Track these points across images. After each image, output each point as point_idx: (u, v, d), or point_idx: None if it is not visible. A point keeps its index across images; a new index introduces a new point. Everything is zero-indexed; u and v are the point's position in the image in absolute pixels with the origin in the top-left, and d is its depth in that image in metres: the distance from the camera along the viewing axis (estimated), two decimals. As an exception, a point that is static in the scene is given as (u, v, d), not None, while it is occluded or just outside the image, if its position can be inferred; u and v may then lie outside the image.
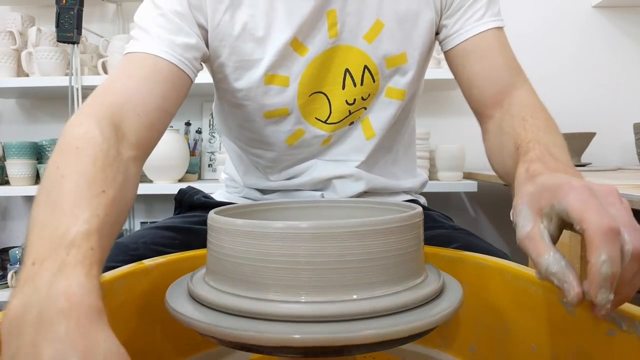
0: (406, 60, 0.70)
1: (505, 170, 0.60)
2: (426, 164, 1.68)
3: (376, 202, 0.51)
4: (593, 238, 0.32)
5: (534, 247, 0.37)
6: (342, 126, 0.73)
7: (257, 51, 0.67)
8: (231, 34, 0.66)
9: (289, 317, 0.34)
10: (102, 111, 0.52)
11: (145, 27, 0.62)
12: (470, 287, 0.50)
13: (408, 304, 0.36)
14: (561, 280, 0.34)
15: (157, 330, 0.53)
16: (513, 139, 0.56)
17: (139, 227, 1.92)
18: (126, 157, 0.51)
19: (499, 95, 0.66)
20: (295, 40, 0.66)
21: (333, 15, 0.66)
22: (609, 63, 1.89)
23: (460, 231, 0.72)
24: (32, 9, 1.90)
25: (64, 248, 0.34)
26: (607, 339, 0.38)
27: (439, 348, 0.56)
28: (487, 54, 0.67)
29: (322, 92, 0.70)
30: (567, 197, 0.35)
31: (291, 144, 0.74)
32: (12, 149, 1.68)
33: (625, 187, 0.92)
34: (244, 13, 0.66)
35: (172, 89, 0.61)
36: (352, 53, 0.68)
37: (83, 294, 0.31)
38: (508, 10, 1.91)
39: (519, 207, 0.40)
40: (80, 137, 0.47)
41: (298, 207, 0.53)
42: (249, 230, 0.37)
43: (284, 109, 0.70)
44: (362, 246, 0.36)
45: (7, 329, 0.30)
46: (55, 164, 0.43)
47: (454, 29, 0.69)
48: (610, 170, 1.59)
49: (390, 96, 0.72)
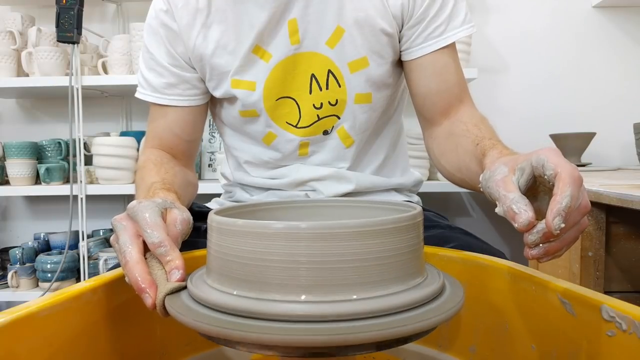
0: (368, 64, 0.72)
1: (460, 166, 0.67)
2: (426, 164, 1.68)
3: (376, 202, 0.51)
4: (565, 178, 0.40)
5: (504, 186, 0.43)
6: (314, 133, 0.76)
7: (231, 61, 0.73)
8: (206, 53, 0.74)
9: (289, 317, 0.34)
10: (151, 144, 0.80)
11: (145, 75, 0.78)
12: (470, 287, 0.50)
13: (408, 304, 0.36)
14: (520, 209, 0.41)
15: (157, 330, 0.53)
16: (470, 139, 0.64)
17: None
18: (174, 161, 0.79)
19: (449, 108, 0.74)
20: (257, 47, 0.72)
21: (294, 24, 0.71)
22: (609, 63, 1.89)
23: (456, 230, 0.72)
24: (32, 9, 1.90)
25: (149, 192, 0.61)
26: (607, 339, 0.38)
27: (439, 348, 0.56)
28: (443, 71, 0.73)
29: (290, 97, 0.75)
30: (546, 153, 0.43)
31: (269, 144, 0.79)
32: (12, 149, 1.68)
33: (625, 187, 0.91)
34: (215, 31, 0.73)
35: (185, 123, 0.79)
36: (316, 58, 0.72)
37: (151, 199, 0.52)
38: (508, 10, 1.92)
39: (495, 165, 0.47)
40: (146, 158, 0.75)
41: (298, 206, 0.52)
42: (249, 231, 0.37)
43: (252, 111, 0.76)
44: (362, 246, 0.36)
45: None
46: (139, 175, 0.72)
47: (416, 42, 0.72)
48: (610, 170, 1.59)
49: (360, 101, 0.75)
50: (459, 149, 0.67)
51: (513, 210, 0.41)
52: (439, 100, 0.73)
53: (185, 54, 0.75)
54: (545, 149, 0.44)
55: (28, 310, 0.38)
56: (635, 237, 1.04)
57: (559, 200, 0.39)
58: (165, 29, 0.75)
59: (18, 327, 0.37)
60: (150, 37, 0.76)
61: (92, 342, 0.45)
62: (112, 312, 0.48)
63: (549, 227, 0.39)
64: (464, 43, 1.66)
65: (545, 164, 0.42)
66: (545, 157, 0.42)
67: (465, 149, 0.65)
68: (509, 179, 0.44)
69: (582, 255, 1.03)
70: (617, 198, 0.84)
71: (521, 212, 0.40)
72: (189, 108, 0.78)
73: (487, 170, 0.49)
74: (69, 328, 0.42)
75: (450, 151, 0.70)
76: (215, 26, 0.73)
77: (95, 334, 0.45)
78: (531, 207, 0.41)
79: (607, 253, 1.03)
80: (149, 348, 0.52)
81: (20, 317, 0.37)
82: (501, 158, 0.50)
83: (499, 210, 0.43)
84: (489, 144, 0.59)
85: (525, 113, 1.88)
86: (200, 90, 0.78)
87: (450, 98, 0.73)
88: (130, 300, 0.50)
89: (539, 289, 0.45)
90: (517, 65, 1.92)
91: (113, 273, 0.49)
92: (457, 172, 0.69)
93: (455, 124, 0.71)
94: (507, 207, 0.42)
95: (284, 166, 0.80)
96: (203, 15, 0.73)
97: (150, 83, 0.77)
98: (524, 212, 0.40)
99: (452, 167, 0.70)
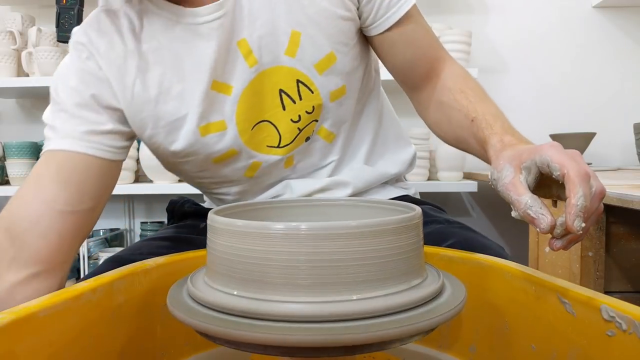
0: (335, 58, 0.67)
1: (458, 140, 0.68)
2: (426, 164, 1.68)
3: (376, 202, 0.51)
4: (573, 179, 0.41)
5: (515, 190, 0.45)
6: (298, 145, 0.71)
7: (181, 107, 0.65)
8: (149, 101, 0.64)
9: (289, 317, 0.34)
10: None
11: (51, 124, 0.63)
12: (471, 287, 0.50)
13: (408, 304, 0.36)
14: (537, 212, 0.42)
15: (157, 330, 0.53)
16: (462, 112, 0.64)
17: (139, 227, 1.92)
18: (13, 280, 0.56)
19: (429, 71, 0.71)
20: (215, 83, 0.65)
21: (245, 45, 0.64)
22: (609, 63, 1.89)
23: (454, 225, 0.72)
24: (32, 9, 1.90)
25: None
26: (607, 339, 0.38)
27: (439, 348, 0.56)
28: (412, 39, 0.70)
29: (265, 121, 0.68)
30: (548, 152, 0.44)
31: (251, 176, 0.73)
32: (12, 149, 1.68)
33: (625, 187, 0.92)
34: (154, 74, 0.64)
35: (88, 179, 0.62)
36: (280, 73, 0.66)
37: None
38: (508, 10, 1.92)
39: (501, 165, 0.48)
40: None
41: (298, 206, 0.52)
42: (249, 231, 0.37)
43: (230, 151, 0.68)
44: (362, 246, 0.36)
45: None
46: None
47: (378, 14, 0.67)
48: (610, 170, 1.59)
49: (335, 98, 0.70)
50: (452, 122, 0.67)
51: (530, 216, 0.42)
52: (418, 67, 0.71)
53: (115, 107, 0.64)
54: (546, 145, 0.45)
55: (28, 310, 0.38)
56: (635, 237, 1.04)
57: (574, 202, 0.40)
58: (90, 77, 0.64)
59: (18, 327, 0.37)
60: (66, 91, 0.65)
61: (92, 342, 0.45)
62: (112, 312, 0.48)
63: (570, 229, 0.40)
64: (464, 43, 1.66)
65: (550, 164, 0.43)
66: (549, 157, 0.43)
67: (460, 124, 0.65)
68: (517, 180, 0.45)
69: (582, 255, 1.03)
70: (617, 198, 0.84)
71: (539, 217, 0.42)
72: (100, 160, 0.63)
73: (494, 170, 0.50)
74: (69, 328, 0.42)
75: (444, 122, 0.70)
76: (152, 68, 0.64)
77: (95, 334, 0.45)
78: (546, 208, 0.42)
79: (607, 253, 1.04)
80: (149, 348, 0.52)
81: (20, 317, 0.37)
82: (504, 152, 0.51)
83: (515, 215, 0.44)
84: (485, 125, 0.59)
85: (525, 113, 1.88)
86: (114, 150, 0.65)
87: (428, 62, 0.71)
88: (130, 300, 0.50)
89: (539, 289, 0.45)
90: (517, 65, 1.92)
91: (113, 273, 0.49)
92: (457, 144, 0.70)
93: (441, 91, 0.69)
94: (522, 212, 0.43)
95: (269, 189, 0.75)
96: (135, 57, 0.64)
97: (54, 129, 0.63)
98: (542, 216, 0.42)
99: (451, 139, 0.71)
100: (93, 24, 0.66)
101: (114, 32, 0.65)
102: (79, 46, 0.65)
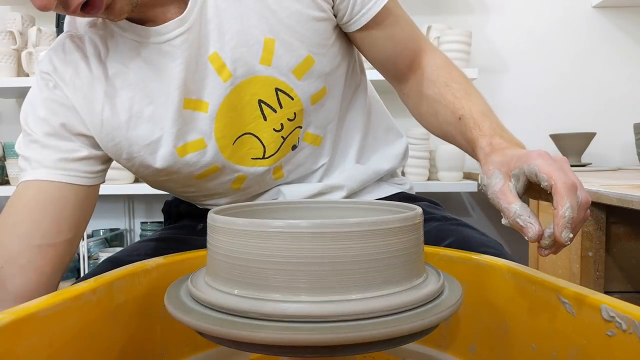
0: (313, 61, 0.65)
1: (445, 135, 0.68)
2: (426, 164, 1.68)
3: (376, 203, 0.51)
4: (561, 191, 0.41)
5: (504, 198, 0.45)
6: (284, 154, 0.70)
7: (154, 130, 0.63)
8: (119, 126, 0.63)
9: (289, 317, 0.34)
10: None
11: (24, 155, 0.63)
12: (470, 287, 0.50)
13: (408, 304, 0.36)
14: (526, 221, 0.43)
15: (157, 330, 0.53)
16: (448, 108, 0.63)
17: (139, 227, 1.92)
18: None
19: (411, 62, 0.71)
20: (187, 101, 0.62)
21: (217, 59, 0.62)
22: (609, 63, 1.89)
23: (452, 222, 0.71)
24: (32, 9, 1.90)
25: None
26: (607, 339, 0.38)
27: (439, 348, 0.56)
28: (394, 32, 0.69)
29: (247, 133, 0.67)
30: (536, 161, 0.44)
31: (238, 188, 0.71)
32: (12, 149, 1.68)
33: (625, 187, 0.92)
34: (123, 99, 0.62)
35: (65, 208, 0.61)
36: (257, 83, 0.64)
37: None
38: (508, 10, 1.92)
39: (491, 171, 0.49)
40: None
41: (298, 207, 0.52)
42: (249, 230, 0.37)
43: (212, 167, 0.67)
44: (362, 246, 0.36)
45: None
46: None
47: (355, 10, 0.65)
48: (610, 170, 1.59)
49: (316, 100, 0.68)
50: (439, 117, 0.67)
51: (519, 224, 0.43)
52: (400, 60, 0.71)
53: (86, 134, 0.63)
54: (534, 153, 0.45)
55: (28, 310, 0.38)
56: (635, 237, 1.04)
57: (562, 214, 0.41)
58: (58, 106, 0.62)
59: (18, 327, 0.37)
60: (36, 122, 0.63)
61: (92, 342, 0.45)
62: (112, 312, 0.47)
63: (558, 240, 0.41)
64: (464, 43, 1.66)
65: (538, 174, 0.43)
66: (537, 168, 0.43)
67: (447, 120, 0.64)
68: (507, 188, 0.46)
69: (582, 255, 1.03)
70: (617, 198, 0.84)
71: (527, 225, 0.43)
72: (76, 186, 0.63)
73: (483, 176, 0.50)
74: (69, 328, 0.42)
75: (430, 115, 0.69)
76: (120, 92, 0.62)
77: (95, 334, 0.45)
78: (535, 217, 0.43)
79: (607, 253, 1.04)
80: (149, 348, 0.52)
81: (20, 317, 0.37)
82: (493, 156, 0.51)
83: (505, 222, 0.45)
84: (473, 125, 0.58)
85: (525, 113, 1.88)
86: (90, 175, 0.65)
87: (410, 54, 0.70)
88: (130, 300, 0.50)
89: (539, 288, 0.45)
90: (517, 65, 1.92)
91: (113, 273, 0.49)
92: (444, 139, 0.70)
93: (425, 83, 0.68)
94: (511, 220, 0.44)
95: (262, 194, 0.74)
96: (102, 83, 0.62)
97: (27, 159, 0.63)
98: (530, 225, 0.43)
99: (438, 133, 0.71)
100: (58, 51, 0.64)
101: (79, 58, 0.63)
102: (45, 75, 0.64)
